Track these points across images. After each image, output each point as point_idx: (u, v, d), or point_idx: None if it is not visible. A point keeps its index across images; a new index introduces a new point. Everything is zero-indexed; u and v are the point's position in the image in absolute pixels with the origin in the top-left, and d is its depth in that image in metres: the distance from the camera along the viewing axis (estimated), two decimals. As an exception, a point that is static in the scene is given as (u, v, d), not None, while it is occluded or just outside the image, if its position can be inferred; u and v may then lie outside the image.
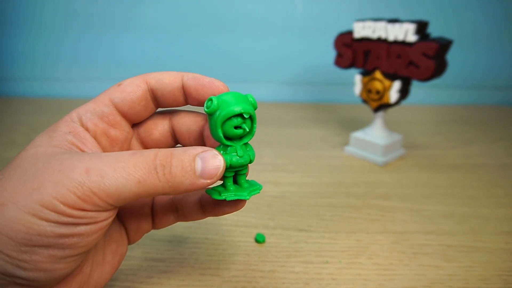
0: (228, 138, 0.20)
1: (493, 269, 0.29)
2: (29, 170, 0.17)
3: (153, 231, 0.33)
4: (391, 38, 0.44)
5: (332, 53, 0.52)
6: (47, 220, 0.16)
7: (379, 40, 0.45)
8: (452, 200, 0.40)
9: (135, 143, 0.24)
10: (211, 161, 0.18)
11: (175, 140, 0.24)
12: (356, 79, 0.49)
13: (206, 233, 0.33)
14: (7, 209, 0.16)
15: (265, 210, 0.37)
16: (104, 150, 0.22)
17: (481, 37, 0.74)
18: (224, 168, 0.19)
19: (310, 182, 0.43)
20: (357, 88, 0.49)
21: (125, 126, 0.22)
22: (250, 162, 0.21)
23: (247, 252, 0.31)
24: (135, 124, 0.23)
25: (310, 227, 0.34)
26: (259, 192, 0.21)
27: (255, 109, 0.20)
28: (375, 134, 0.49)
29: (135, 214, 0.24)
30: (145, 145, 0.24)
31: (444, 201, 0.39)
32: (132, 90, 0.21)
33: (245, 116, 0.19)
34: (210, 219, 0.35)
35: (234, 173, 0.21)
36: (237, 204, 0.23)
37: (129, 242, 0.25)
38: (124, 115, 0.22)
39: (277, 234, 0.33)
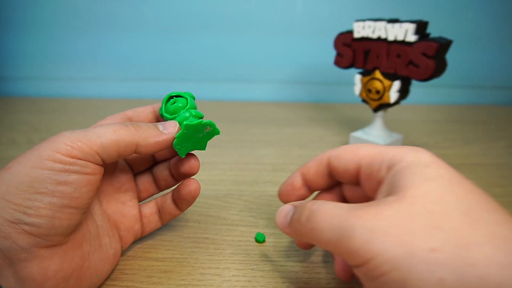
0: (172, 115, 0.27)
1: (493, 268, 0.29)
2: (29, 151, 0.22)
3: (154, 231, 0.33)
4: (391, 37, 0.44)
5: (332, 53, 0.52)
6: (45, 169, 0.20)
7: (379, 40, 0.45)
8: (452, 200, 0.40)
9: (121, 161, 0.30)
10: (169, 123, 0.25)
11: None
12: (356, 78, 0.49)
13: (206, 232, 0.33)
14: (13, 169, 0.21)
15: (265, 210, 0.37)
16: None
17: (481, 37, 0.74)
18: (178, 125, 0.26)
19: (310, 182, 0.43)
20: (357, 87, 0.49)
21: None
22: (188, 104, 0.27)
23: (247, 252, 0.31)
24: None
25: (310, 226, 0.34)
26: (191, 124, 0.25)
27: (193, 98, 0.28)
28: (375, 133, 0.49)
29: (127, 215, 0.29)
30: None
31: (444, 200, 0.39)
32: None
33: (173, 95, 0.28)
34: (210, 219, 0.35)
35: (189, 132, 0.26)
36: (187, 161, 0.29)
37: (122, 245, 0.28)
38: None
39: (277, 233, 0.33)
